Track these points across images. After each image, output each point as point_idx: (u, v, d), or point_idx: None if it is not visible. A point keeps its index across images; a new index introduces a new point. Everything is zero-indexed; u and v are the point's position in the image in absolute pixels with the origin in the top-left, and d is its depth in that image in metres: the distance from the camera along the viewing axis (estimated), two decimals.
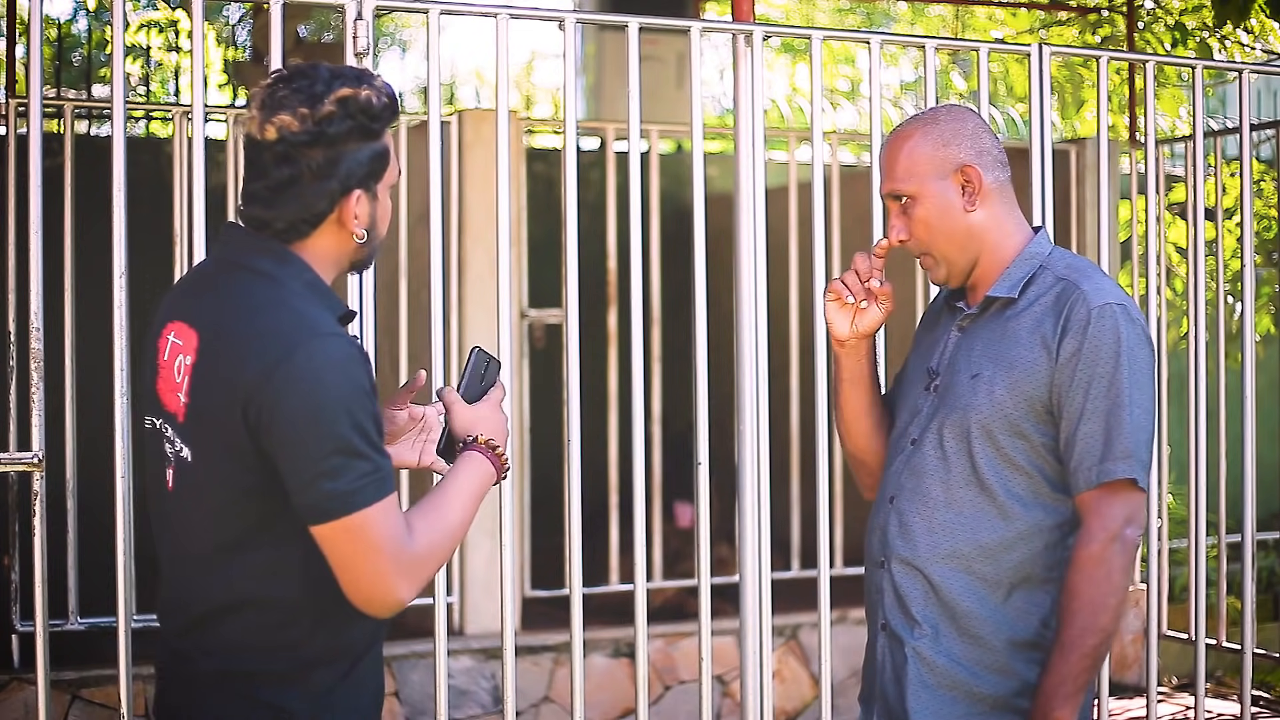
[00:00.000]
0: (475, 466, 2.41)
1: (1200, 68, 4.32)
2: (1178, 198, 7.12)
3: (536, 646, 5.44)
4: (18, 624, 5.03)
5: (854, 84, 12.00)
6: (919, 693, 2.61)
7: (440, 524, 2.30)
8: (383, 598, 2.22)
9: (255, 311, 2.25)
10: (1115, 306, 2.54)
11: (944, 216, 2.65)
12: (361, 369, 2.22)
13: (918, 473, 2.66)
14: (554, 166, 7.66)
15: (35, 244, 3.19)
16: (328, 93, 2.28)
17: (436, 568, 2.30)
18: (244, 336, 2.23)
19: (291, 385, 2.17)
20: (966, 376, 2.63)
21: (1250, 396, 4.42)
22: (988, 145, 2.67)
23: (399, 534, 2.22)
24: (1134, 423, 2.51)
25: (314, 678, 2.30)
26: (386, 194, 2.37)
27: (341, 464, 2.17)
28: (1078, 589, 2.49)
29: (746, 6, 3.88)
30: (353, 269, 2.43)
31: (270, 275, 2.28)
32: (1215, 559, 5.53)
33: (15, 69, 5.54)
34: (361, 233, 2.32)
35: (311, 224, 2.30)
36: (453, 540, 2.32)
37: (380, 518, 2.19)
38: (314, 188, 2.28)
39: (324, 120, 2.26)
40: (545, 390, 6.09)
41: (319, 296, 2.29)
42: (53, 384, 3.73)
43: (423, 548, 2.25)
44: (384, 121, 2.32)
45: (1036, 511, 2.58)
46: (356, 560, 2.20)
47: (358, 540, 2.19)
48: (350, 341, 2.24)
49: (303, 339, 2.20)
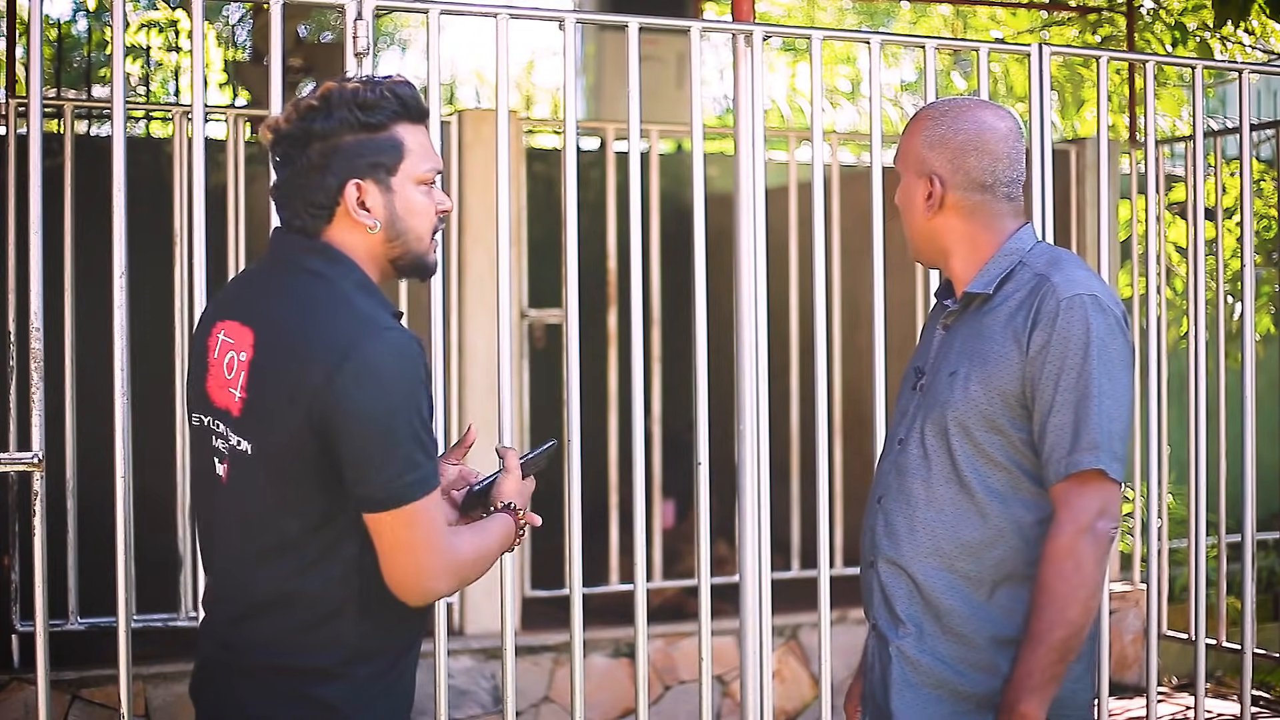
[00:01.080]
0: (507, 528, 2.50)
1: (1200, 68, 4.33)
2: (1178, 197, 7.13)
3: (536, 646, 5.44)
4: (18, 624, 5.03)
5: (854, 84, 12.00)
6: (903, 691, 2.61)
7: (479, 542, 2.41)
8: (423, 586, 2.31)
9: (314, 308, 2.31)
10: (1085, 297, 2.53)
11: (908, 209, 2.72)
12: (421, 362, 2.30)
13: (902, 472, 2.66)
14: (554, 166, 7.66)
15: (35, 244, 3.19)
16: (314, 90, 2.37)
17: (469, 576, 2.40)
18: (304, 333, 2.28)
19: (358, 379, 2.23)
20: (945, 374, 2.63)
21: (1250, 396, 4.42)
22: (970, 165, 2.64)
23: (445, 529, 2.33)
24: (1103, 413, 2.49)
25: (358, 674, 2.34)
26: (414, 188, 2.38)
27: (405, 455, 2.25)
28: (1047, 582, 2.49)
29: (746, 6, 3.88)
30: (402, 272, 2.45)
31: (321, 274, 2.34)
32: (1215, 559, 5.53)
33: (15, 69, 5.54)
34: (373, 223, 2.35)
35: (321, 218, 2.35)
36: (481, 563, 2.42)
37: (433, 510, 2.29)
38: (312, 180, 2.34)
39: (306, 114, 2.33)
40: (545, 390, 6.09)
41: (370, 295, 2.35)
42: (53, 384, 3.74)
43: (464, 552, 2.36)
44: (381, 112, 2.34)
45: (1016, 508, 2.57)
46: (407, 547, 2.27)
47: (413, 528, 2.26)
48: (410, 335, 2.31)
49: (366, 334, 2.26)
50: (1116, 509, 2.54)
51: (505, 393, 3.48)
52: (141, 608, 5.00)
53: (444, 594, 2.35)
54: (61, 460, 4.95)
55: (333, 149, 2.32)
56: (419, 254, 2.43)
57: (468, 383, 5.39)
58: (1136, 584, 6.19)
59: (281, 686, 2.33)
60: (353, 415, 2.23)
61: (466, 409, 5.38)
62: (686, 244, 3.75)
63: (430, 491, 2.28)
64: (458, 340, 5.41)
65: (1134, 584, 6.21)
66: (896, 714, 2.61)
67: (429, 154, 2.41)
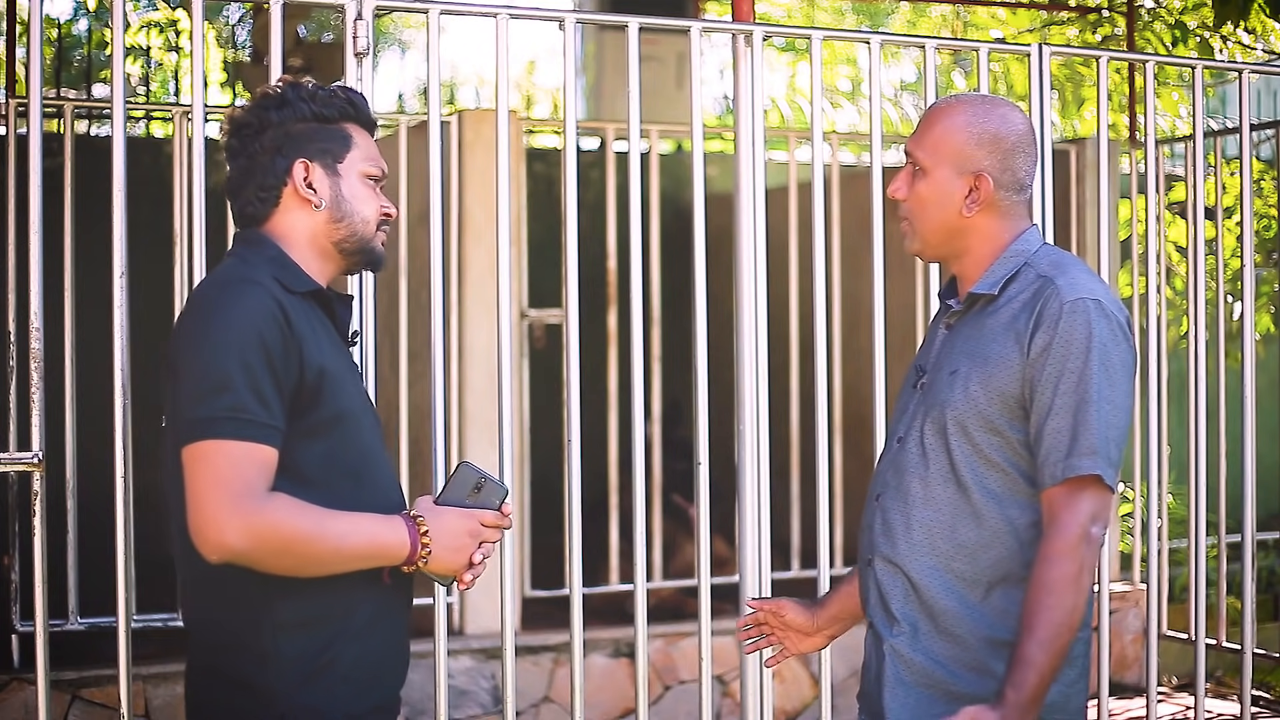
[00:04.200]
0: (393, 536, 2.32)
1: (1200, 68, 4.33)
2: (1178, 197, 7.13)
3: (536, 646, 5.44)
4: (18, 624, 5.03)
5: (854, 84, 12.00)
6: (896, 690, 2.61)
7: (327, 525, 2.25)
8: (210, 534, 2.18)
9: (207, 280, 2.41)
10: (1088, 301, 2.52)
11: (940, 205, 2.64)
12: (267, 318, 2.25)
13: (901, 470, 2.66)
14: (554, 166, 7.66)
15: (35, 244, 3.19)
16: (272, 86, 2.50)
17: (291, 548, 2.22)
18: (188, 301, 2.38)
19: (190, 315, 2.30)
20: (946, 373, 2.63)
21: (1250, 396, 4.42)
22: (1018, 165, 2.63)
23: (253, 482, 2.19)
24: (1102, 419, 2.49)
25: (287, 649, 2.29)
26: (360, 179, 2.46)
27: (211, 392, 2.20)
28: (1041, 585, 2.48)
29: (746, 6, 3.88)
30: (350, 260, 2.48)
31: (239, 254, 2.43)
32: (1215, 559, 5.53)
33: (15, 69, 5.54)
34: (318, 200, 2.42)
35: (269, 200, 2.44)
36: (320, 546, 2.24)
37: (235, 454, 2.19)
38: (262, 164, 2.43)
39: (263, 103, 2.44)
40: (545, 390, 6.09)
41: (277, 268, 2.38)
42: (53, 384, 3.73)
43: (277, 514, 2.20)
44: (333, 108, 2.45)
45: (1012, 509, 2.57)
46: (198, 487, 2.19)
47: (205, 467, 2.19)
48: (270, 295, 2.28)
49: (220, 285, 2.32)
50: (1109, 515, 2.54)
51: (505, 393, 3.48)
52: (141, 608, 5.00)
53: (237, 548, 2.19)
54: (61, 460, 4.94)
55: (285, 134, 2.43)
56: (365, 238, 2.47)
57: (468, 383, 5.39)
58: (1136, 584, 6.19)
59: (214, 675, 2.33)
60: (178, 348, 2.27)
61: (466, 409, 5.38)
62: (686, 244, 3.75)
63: (235, 438, 2.18)
64: (458, 340, 5.41)
65: (1134, 584, 6.21)
66: (889, 711, 2.61)
67: (376, 158, 2.50)
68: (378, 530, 2.31)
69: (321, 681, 2.31)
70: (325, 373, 2.32)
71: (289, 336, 2.26)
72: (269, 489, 2.22)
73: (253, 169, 2.43)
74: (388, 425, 5.53)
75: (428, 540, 2.33)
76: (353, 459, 2.37)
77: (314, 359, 2.30)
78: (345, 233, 2.45)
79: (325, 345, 2.37)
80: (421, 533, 2.33)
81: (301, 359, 2.27)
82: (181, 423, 2.23)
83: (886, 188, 2.80)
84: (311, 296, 2.40)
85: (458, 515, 2.38)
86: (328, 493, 2.30)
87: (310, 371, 2.29)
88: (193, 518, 2.20)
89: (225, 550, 2.18)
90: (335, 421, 2.33)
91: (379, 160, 2.51)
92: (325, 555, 2.26)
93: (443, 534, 2.35)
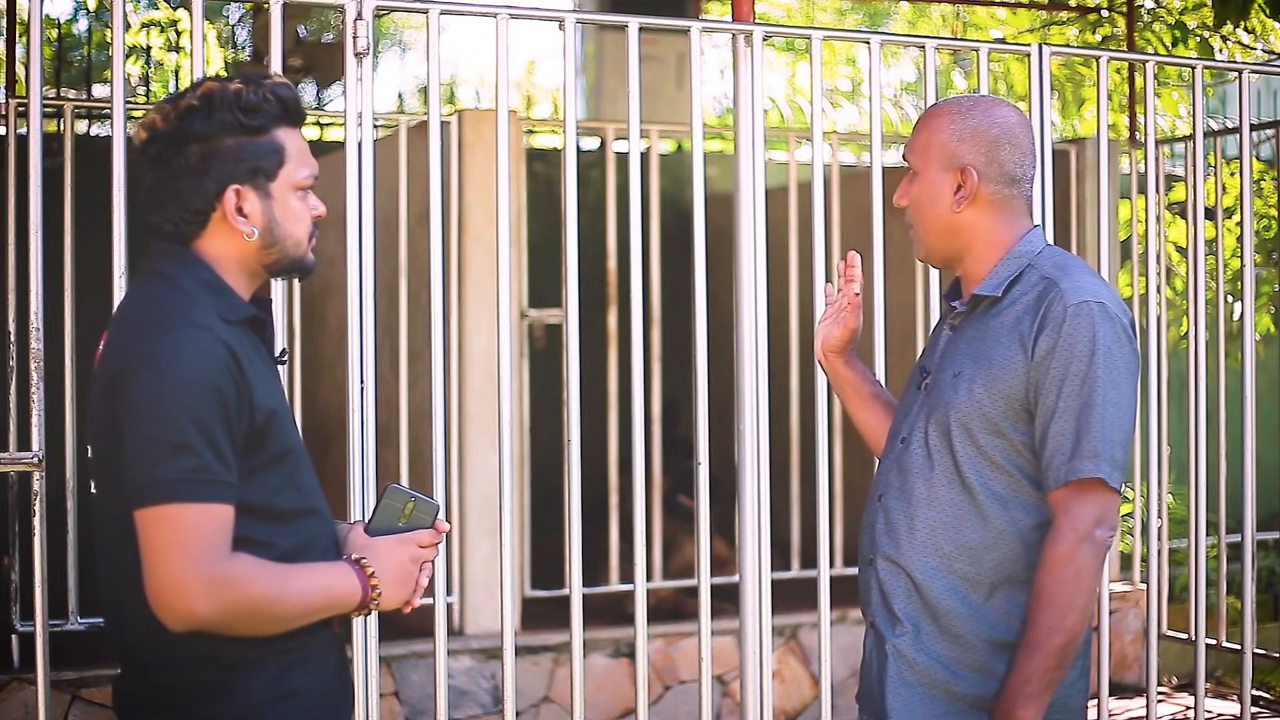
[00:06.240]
0: (343, 577, 2.25)
1: (1200, 68, 4.33)
2: (1178, 197, 7.13)
3: (536, 646, 5.44)
4: (18, 624, 5.03)
5: (854, 84, 12.00)
6: (898, 690, 2.62)
7: (285, 581, 2.18)
8: (175, 603, 2.10)
9: (139, 307, 2.25)
10: (1092, 304, 2.52)
11: (931, 204, 2.67)
12: (220, 367, 2.14)
13: (904, 471, 2.66)
14: (554, 166, 7.66)
15: (35, 244, 3.19)
16: (194, 90, 2.26)
17: (254, 611, 2.15)
18: (120, 330, 2.23)
19: (138, 366, 2.14)
20: (950, 375, 2.63)
21: (1250, 396, 4.42)
22: (1003, 157, 2.64)
23: (216, 546, 2.10)
24: (1106, 421, 2.49)
25: (244, 686, 2.21)
26: (292, 194, 2.30)
27: (169, 453, 2.09)
28: (1045, 588, 2.49)
29: (746, 6, 3.88)
30: (276, 274, 2.36)
31: (166, 275, 2.26)
32: (1215, 559, 5.53)
33: (15, 69, 5.54)
34: (250, 230, 2.26)
35: (195, 223, 2.26)
36: (282, 605, 2.18)
37: (197, 519, 2.09)
38: (188, 184, 2.24)
39: (186, 113, 2.23)
40: (545, 390, 6.09)
41: (212, 295, 2.24)
42: (53, 384, 3.73)
43: (241, 578, 2.12)
44: (263, 115, 2.26)
45: (1016, 511, 2.57)
46: (159, 554, 2.09)
47: (166, 533, 2.08)
48: (219, 340, 2.17)
49: (164, 326, 2.16)
50: (1115, 518, 2.54)
51: (505, 393, 3.48)
52: None
53: (203, 617, 2.10)
54: (61, 460, 4.94)
55: (212, 151, 2.23)
56: (296, 258, 2.34)
57: (467, 383, 5.39)
58: (1136, 584, 6.19)
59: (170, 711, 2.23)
60: (127, 401, 2.12)
61: (466, 409, 5.38)
62: (686, 244, 3.75)
63: (197, 501, 2.09)
64: (458, 340, 5.41)
65: (1134, 584, 6.21)
66: (891, 711, 2.61)
67: (307, 159, 2.32)
68: (332, 582, 2.24)
69: (280, 713, 2.25)
70: (274, 413, 2.24)
71: (242, 385, 2.17)
72: (230, 547, 2.14)
73: (176, 188, 2.25)
74: (388, 425, 5.54)
75: (376, 582, 2.27)
76: (298, 493, 2.30)
77: (264, 402, 2.21)
78: (277, 256, 2.31)
79: (268, 379, 2.28)
80: (369, 574, 2.26)
81: (252, 405, 2.19)
82: (135, 484, 2.11)
83: (887, 190, 2.82)
84: (246, 324, 2.29)
85: (396, 545, 2.31)
86: (277, 526, 2.24)
87: (260, 415, 2.20)
88: (155, 586, 2.10)
89: (192, 619, 2.11)
90: (281, 458, 2.26)
91: (310, 161, 2.34)
92: (287, 615, 2.21)
93: (387, 571, 2.28)
